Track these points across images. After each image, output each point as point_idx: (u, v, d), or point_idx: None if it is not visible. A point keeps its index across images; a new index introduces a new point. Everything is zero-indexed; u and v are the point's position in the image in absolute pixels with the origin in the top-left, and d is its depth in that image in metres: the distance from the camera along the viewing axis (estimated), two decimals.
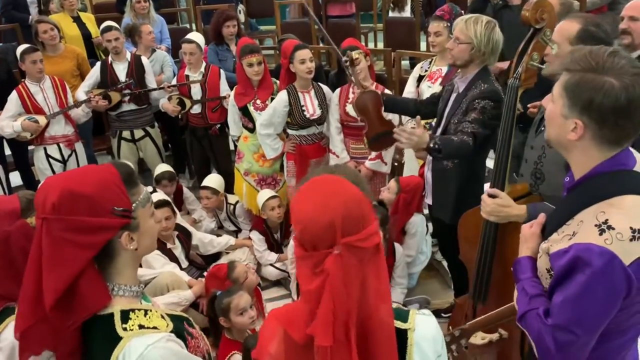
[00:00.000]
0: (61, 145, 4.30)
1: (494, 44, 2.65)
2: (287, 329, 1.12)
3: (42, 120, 4.18)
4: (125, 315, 1.28)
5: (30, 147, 4.57)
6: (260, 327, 1.33)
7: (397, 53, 4.87)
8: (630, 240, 1.29)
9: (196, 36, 4.46)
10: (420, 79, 3.73)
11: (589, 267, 1.30)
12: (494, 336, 2.11)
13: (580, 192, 1.42)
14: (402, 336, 1.18)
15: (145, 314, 1.30)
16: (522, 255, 1.59)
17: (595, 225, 1.33)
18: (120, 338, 1.24)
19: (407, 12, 6.39)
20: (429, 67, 3.73)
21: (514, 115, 2.20)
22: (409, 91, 3.81)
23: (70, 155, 4.36)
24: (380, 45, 6.74)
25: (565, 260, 1.34)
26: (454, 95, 2.81)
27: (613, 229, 1.30)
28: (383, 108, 3.13)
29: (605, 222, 1.31)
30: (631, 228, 1.30)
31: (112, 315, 1.27)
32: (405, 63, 5.66)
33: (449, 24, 3.36)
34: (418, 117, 2.66)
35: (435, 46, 3.55)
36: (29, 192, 1.75)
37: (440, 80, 3.54)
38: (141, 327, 1.26)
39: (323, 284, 1.05)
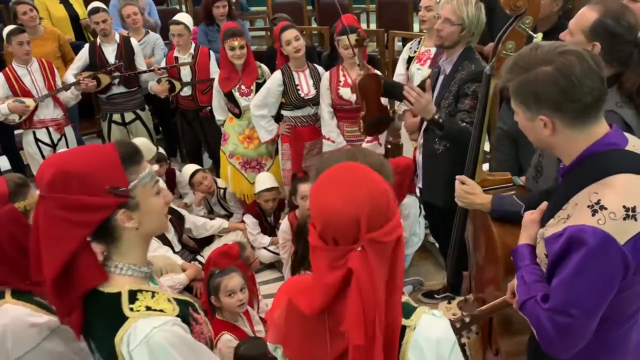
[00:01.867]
0: (50, 129, 4.24)
1: (480, 25, 2.64)
2: (294, 299, 1.11)
3: (30, 102, 4.11)
4: (132, 296, 1.27)
5: (17, 131, 4.51)
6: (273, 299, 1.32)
7: (390, 34, 4.83)
8: (624, 219, 1.28)
9: (184, 17, 4.39)
10: (409, 60, 3.69)
11: (583, 247, 1.29)
12: (465, 314, 2.14)
13: (574, 175, 1.42)
14: (400, 333, 1.13)
15: (153, 296, 1.29)
16: (521, 242, 1.58)
17: (588, 207, 1.32)
18: (127, 318, 1.23)
19: None
20: (417, 48, 3.68)
21: (485, 103, 2.17)
22: (399, 73, 3.77)
23: (59, 139, 4.30)
24: (373, 26, 6.68)
25: (560, 243, 1.34)
26: (441, 78, 2.79)
27: (605, 208, 1.29)
28: (382, 93, 3.09)
29: (598, 202, 1.31)
30: (624, 207, 1.29)
31: (119, 294, 1.27)
32: (398, 44, 5.62)
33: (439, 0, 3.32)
34: (428, 81, 2.63)
35: (425, 21, 3.51)
36: (17, 175, 1.72)
37: (429, 62, 3.50)
38: (148, 308, 1.26)
39: (342, 279, 1.02)
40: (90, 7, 4.54)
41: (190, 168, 4.20)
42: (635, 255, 1.30)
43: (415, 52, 3.67)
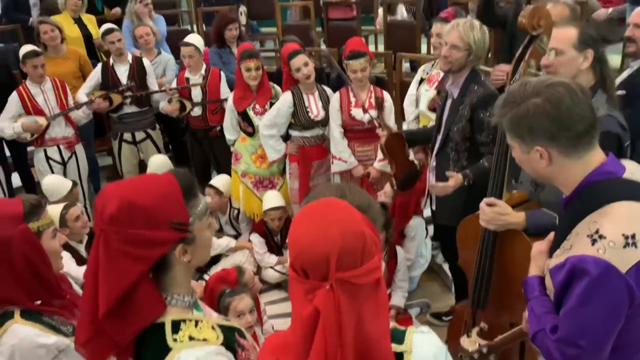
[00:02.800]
0: (61, 147, 4.29)
1: (487, 48, 2.68)
2: (281, 359, 1.09)
3: (42, 121, 4.17)
4: (176, 326, 1.25)
5: (29, 148, 4.56)
6: (257, 354, 1.32)
7: (397, 56, 4.87)
8: (624, 247, 1.29)
9: (194, 38, 4.45)
10: (421, 82, 3.73)
11: (586, 277, 1.30)
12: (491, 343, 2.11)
13: (574, 205, 1.43)
14: (398, 359, 1.12)
15: (196, 325, 1.27)
16: (531, 274, 1.59)
17: (588, 236, 1.33)
18: (170, 349, 1.22)
19: (398, 16, 6.40)
20: (430, 70, 3.73)
21: None
22: (411, 94, 3.82)
23: (70, 157, 4.34)
24: (381, 48, 6.74)
25: (563, 274, 1.35)
26: (449, 102, 2.82)
27: (605, 237, 1.30)
28: (407, 145, 3.12)
29: (597, 231, 1.32)
30: (623, 235, 1.30)
31: (163, 325, 1.25)
32: (405, 66, 5.66)
33: None
34: (452, 173, 2.68)
35: (437, 48, 3.55)
36: (33, 197, 1.74)
37: (436, 84, 3.54)
38: (191, 338, 1.24)
39: (315, 314, 1.01)
40: (103, 27, 4.62)
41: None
42: (639, 282, 1.29)
43: (427, 74, 3.71)
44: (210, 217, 1.35)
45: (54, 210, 3.22)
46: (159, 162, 4.19)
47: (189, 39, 4.41)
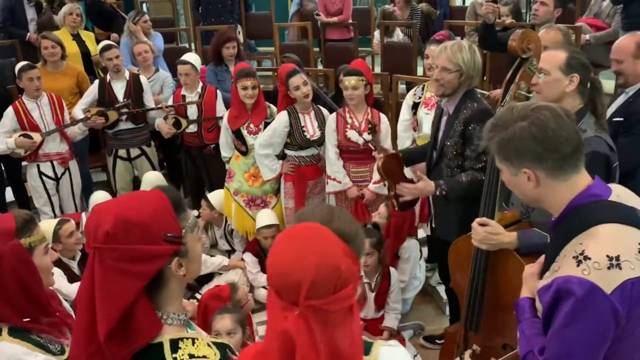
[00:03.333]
0: (55, 162, 4.28)
1: (477, 67, 2.70)
2: None
3: (36, 137, 4.16)
4: (174, 345, 1.24)
5: (24, 163, 4.55)
6: None
7: (394, 77, 4.91)
8: (608, 268, 1.31)
9: (191, 57, 4.48)
10: (415, 106, 3.75)
11: (572, 297, 1.31)
12: None
13: (562, 228, 1.45)
14: None
15: (193, 343, 1.27)
16: (523, 295, 1.59)
17: (573, 257, 1.35)
18: None
19: (394, 38, 6.47)
20: (422, 94, 3.74)
21: None
22: (404, 119, 3.82)
23: (63, 174, 4.33)
24: (378, 69, 6.80)
25: (549, 295, 1.36)
26: (444, 119, 2.83)
27: (590, 259, 1.32)
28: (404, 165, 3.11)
29: (582, 252, 1.34)
30: (608, 256, 1.31)
31: (161, 344, 1.24)
32: (402, 87, 5.71)
33: None
34: (418, 172, 2.73)
35: (432, 69, 3.58)
36: (25, 212, 1.73)
37: (437, 106, 3.55)
38: (191, 356, 1.23)
39: (287, 332, 1.03)
40: (102, 44, 4.65)
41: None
42: (624, 303, 1.30)
43: (420, 97, 3.72)
44: (200, 231, 1.35)
45: (48, 226, 3.20)
46: (153, 179, 4.17)
47: (186, 57, 4.44)
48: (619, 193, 1.45)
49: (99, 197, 3.92)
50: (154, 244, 1.20)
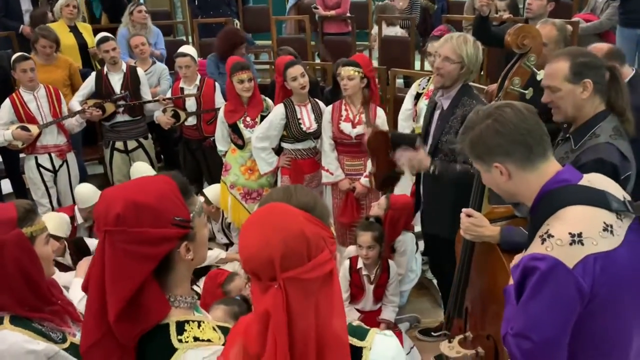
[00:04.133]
0: (52, 155, 4.28)
1: (479, 62, 2.71)
2: (243, 340, 1.13)
3: (34, 129, 4.15)
4: (180, 327, 1.27)
5: (21, 155, 4.54)
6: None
7: (391, 71, 4.92)
8: (570, 244, 1.38)
9: (189, 49, 4.48)
10: (417, 96, 3.77)
11: (536, 272, 1.38)
12: (469, 352, 2.12)
13: (535, 214, 1.53)
14: (357, 354, 1.16)
15: (199, 326, 1.29)
16: (512, 281, 1.62)
17: (539, 236, 1.43)
18: (176, 349, 1.24)
19: (393, 31, 6.45)
20: (426, 85, 3.76)
21: None
22: (406, 108, 3.85)
23: (61, 166, 4.33)
24: (375, 63, 6.80)
25: (517, 273, 1.45)
26: (437, 113, 2.83)
27: (552, 236, 1.40)
28: (391, 146, 3.11)
29: (547, 232, 1.42)
30: (570, 233, 1.39)
31: (167, 326, 1.26)
32: (399, 81, 5.71)
33: None
34: (418, 140, 2.71)
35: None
36: (26, 202, 1.73)
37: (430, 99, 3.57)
38: (196, 339, 1.26)
39: (266, 313, 1.06)
40: (99, 36, 4.64)
41: None
42: (586, 278, 1.36)
43: (424, 88, 3.74)
44: (205, 216, 1.39)
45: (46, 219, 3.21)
46: (143, 170, 4.15)
47: (184, 49, 4.44)
48: (591, 179, 1.52)
49: (83, 190, 3.92)
50: (164, 227, 1.22)
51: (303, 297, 1.06)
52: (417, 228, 4.05)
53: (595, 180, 1.52)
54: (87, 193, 3.86)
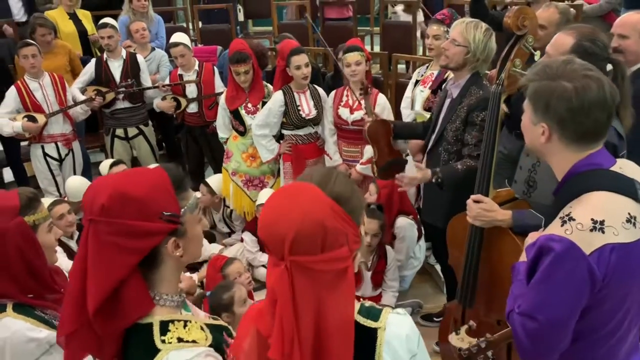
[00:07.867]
0: (59, 144, 4.28)
1: (488, 52, 2.68)
2: (257, 325, 1.12)
3: (41, 119, 4.14)
4: (164, 327, 1.23)
5: (23, 143, 4.54)
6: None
7: (393, 56, 4.89)
8: (591, 230, 1.34)
9: (180, 37, 4.42)
10: (416, 83, 3.74)
11: (550, 253, 1.36)
12: (480, 340, 2.12)
13: (560, 195, 1.48)
14: (371, 335, 1.15)
15: (185, 326, 1.25)
16: (520, 260, 1.61)
17: (560, 218, 1.39)
18: (158, 350, 1.20)
19: (392, 18, 6.39)
20: (424, 72, 3.74)
21: (497, 121, 2.25)
22: (407, 96, 3.82)
23: (67, 154, 4.33)
24: (377, 49, 6.76)
25: (533, 252, 1.42)
26: (447, 101, 2.82)
27: (574, 220, 1.36)
28: (392, 136, 3.10)
29: (568, 214, 1.38)
30: (592, 219, 1.35)
31: (151, 325, 1.23)
32: (401, 67, 5.68)
33: (448, 29, 3.37)
34: (417, 164, 2.72)
35: (432, 49, 3.56)
36: (29, 190, 1.73)
37: (430, 83, 3.54)
38: (180, 340, 1.22)
39: (273, 288, 1.06)
40: (100, 21, 4.60)
41: None
42: (601, 266, 1.34)
43: (422, 75, 3.72)
44: (201, 212, 1.35)
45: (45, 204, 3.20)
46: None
47: (175, 38, 4.38)
48: (622, 165, 1.47)
49: (74, 183, 3.89)
50: (149, 220, 1.19)
51: (309, 286, 1.05)
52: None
53: (627, 167, 1.48)
54: (79, 187, 3.82)
